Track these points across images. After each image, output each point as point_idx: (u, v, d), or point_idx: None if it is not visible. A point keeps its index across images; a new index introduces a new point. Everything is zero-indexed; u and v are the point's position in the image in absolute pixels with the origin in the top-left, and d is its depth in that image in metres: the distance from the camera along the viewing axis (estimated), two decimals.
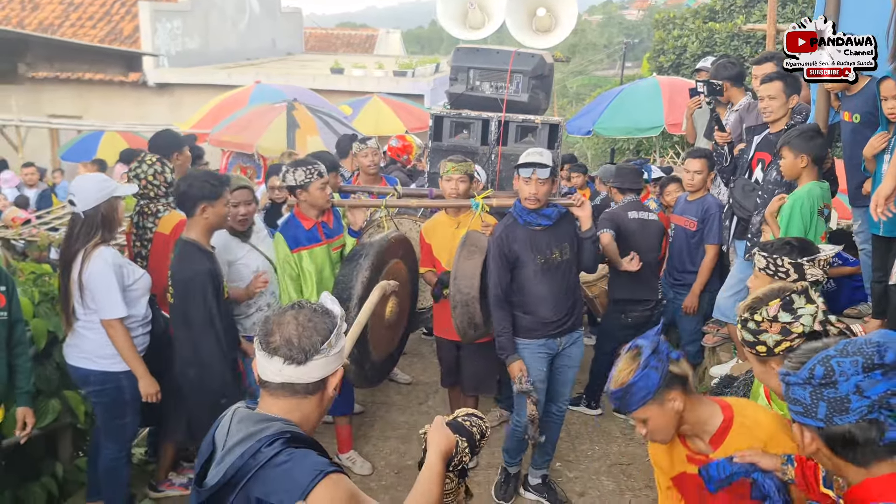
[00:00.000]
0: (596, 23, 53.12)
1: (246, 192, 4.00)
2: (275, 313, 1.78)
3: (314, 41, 24.88)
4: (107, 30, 15.56)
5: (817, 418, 1.42)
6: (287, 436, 1.67)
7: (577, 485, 4.43)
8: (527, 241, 3.81)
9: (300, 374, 1.72)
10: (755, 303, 2.02)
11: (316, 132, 8.32)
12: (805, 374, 1.44)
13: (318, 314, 1.76)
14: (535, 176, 3.67)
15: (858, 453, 1.41)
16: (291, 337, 1.71)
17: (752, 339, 2.00)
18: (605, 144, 16.25)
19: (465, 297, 3.99)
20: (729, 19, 13.69)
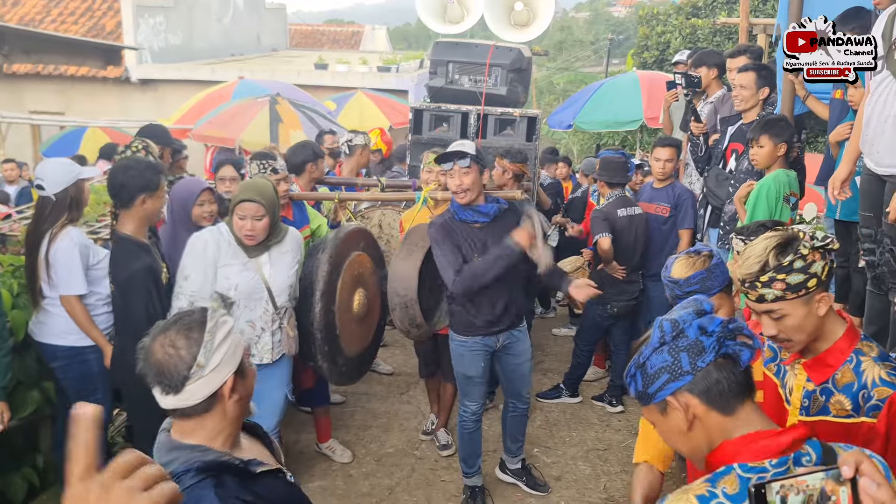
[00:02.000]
0: (583, 20, 53.22)
1: (254, 206, 3.41)
2: (150, 336, 1.70)
3: (299, 37, 24.82)
4: (88, 25, 15.48)
5: (684, 372, 1.43)
6: (195, 466, 1.61)
7: (553, 469, 4.50)
8: (466, 239, 3.66)
9: (181, 401, 1.66)
10: (785, 241, 1.85)
11: (299, 127, 8.34)
12: (657, 336, 1.46)
13: (183, 334, 1.67)
14: (457, 166, 3.52)
15: (728, 397, 1.42)
16: (160, 367, 1.65)
17: (802, 277, 1.82)
18: (590, 139, 16.36)
19: (402, 300, 3.95)
20: (711, 15, 13.83)
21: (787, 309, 1.86)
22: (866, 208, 3.41)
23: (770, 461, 1.35)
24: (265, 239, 3.50)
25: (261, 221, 3.42)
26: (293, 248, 3.68)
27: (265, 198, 3.40)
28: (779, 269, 1.84)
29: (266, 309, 3.56)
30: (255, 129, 8.25)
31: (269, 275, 3.55)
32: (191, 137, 8.92)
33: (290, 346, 3.68)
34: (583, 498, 4.24)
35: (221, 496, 1.58)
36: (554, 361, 6.15)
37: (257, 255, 3.52)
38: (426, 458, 4.62)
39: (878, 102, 3.13)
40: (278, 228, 3.58)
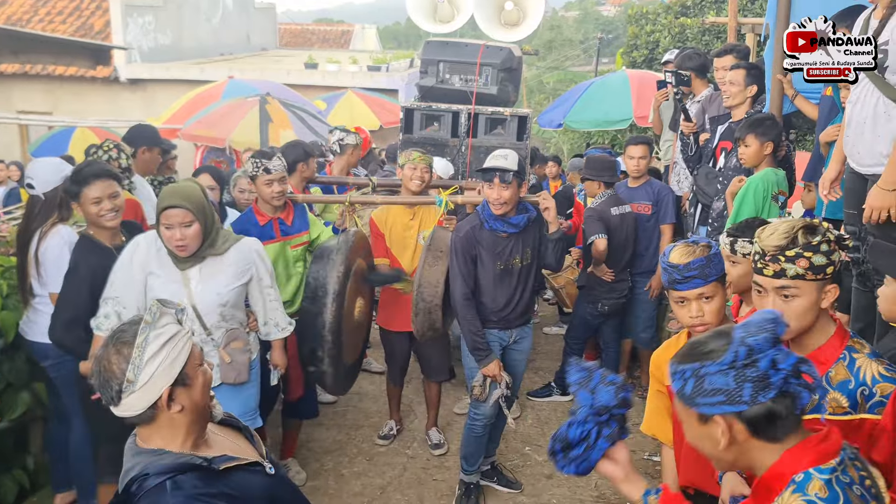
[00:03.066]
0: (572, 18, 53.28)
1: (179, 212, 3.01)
2: (101, 347, 1.76)
3: (289, 37, 24.77)
4: (77, 25, 15.39)
5: (742, 401, 1.43)
6: (153, 471, 1.67)
7: (545, 468, 4.51)
8: (490, 247, 3.72)
9: (122, 412, 1.72)
10: (811, 227, 1.89)
11: (289, 126, 8.32)
12: (729, 359, 1.44)
13: (115, 349, 1.71)
14: (497, 180, 3.56)
15: (778, 429, 1.46)
16: (99, 379, 1.72)
17: (825, 261, 1.87)
18: (580, 139, 16.37)
19: (427, 305, 3.98)
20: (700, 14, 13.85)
21: (803, 290, 1.89)
22: (851, 206, 3.45)
23: (835, 460, 1.44)
24: (199, 249, 3.10)
25: (190, 228, 3.02)
26: (239, 262, 3.24)
27: (191, 202, 3.02)
28: (807, 247, 1.87)
29: (194, 329, 3.18)
30: (244, 129, 8.22)
31: (197, 291, 3.15)
32: (180, 137, 8.88)
33: (228, 374, 3.26)
34: (574, 496, 4.26)
35: (177, 497, 1.63)
36: (545, 360, 6.17)
37: (188, 267, 3.12)
38: (418, 457, 4.63)
39: (857, 104, 3.17)
40: (217, 237, 3.18)
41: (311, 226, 4.26)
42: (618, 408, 1.72)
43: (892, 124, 3.00)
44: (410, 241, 4.45)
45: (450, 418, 5.08)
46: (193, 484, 1.66)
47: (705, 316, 2.33)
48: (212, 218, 3.14)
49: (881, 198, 2.98)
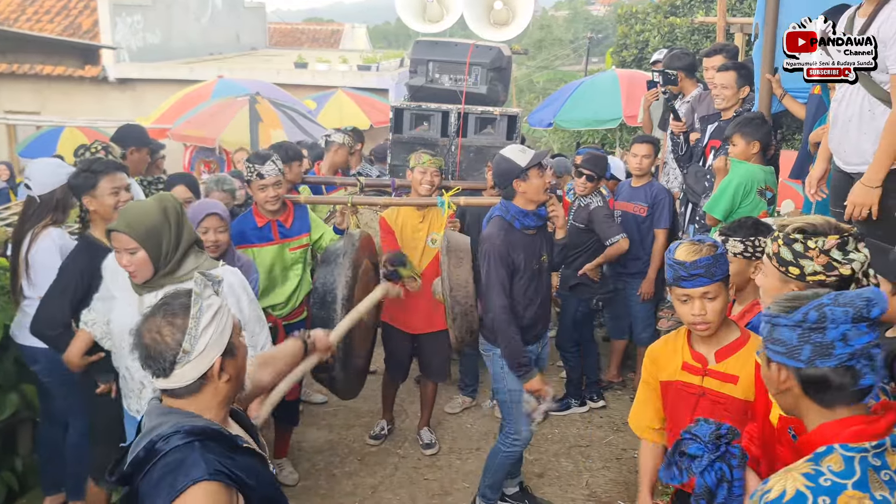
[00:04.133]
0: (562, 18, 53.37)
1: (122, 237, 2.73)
2: (141, 321, 1.75)
3: (279, 36, 24.68)
4: (64, 24, 15.29)
5: (799, 359, 1.52)
6: (183, 430, 1.67)
7: (536, 467, 4.52)
8: (525, 248, 3.63)
9: (171, 383, 1.73)
10: (809, 228, 2.06)
11: (279, 126, 8.29)
12: (798, 317, 1.52)
13: (167, 320, 1.72)
14: (538, 168, 3.52)
15: (828, 396, 1.52)
16: (148, 352, 1.71)
17: (790, 258, 2.06)
18: (570, 138, 16.36)
19: (463, 308, 3.81)
20: (689, 14, 13.88)
21: (768, 271, 2.10)
22: (837, 205, 3.47)
23: (870, 443, 1.46)
24: (153, 276, 2.79)
25: (136, 255, 2.72)
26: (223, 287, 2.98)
27: (134, 228, 2.69)
28: (784, 237, 2.04)
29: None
30: (235, 129, 8.20)
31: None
32: (169, 137, 8.85)
33: None
34: (565, 494, 4.27)
35: (206, 458, 1.64)
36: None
37: (144, 293, 2.82)
38: (409, 457, 4.63)
39: (843, 103, 3.19)
40: (180, 265, 2.81)
41: (313, 228, 4.21)
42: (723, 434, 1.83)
43: (876, 122, 3.03)
44: (419, 242, 4.46)
45: (441, 418, 5.08)
46: (220, 451, 1.69)
47: (707, 315, 2.34)
48: (173, 244, 2.77)
49: (864, 194, 3.01)
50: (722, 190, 3.81)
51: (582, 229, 5.03)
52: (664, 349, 2.57)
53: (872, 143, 3.05)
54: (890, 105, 2.97)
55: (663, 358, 2.55)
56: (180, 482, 1.60)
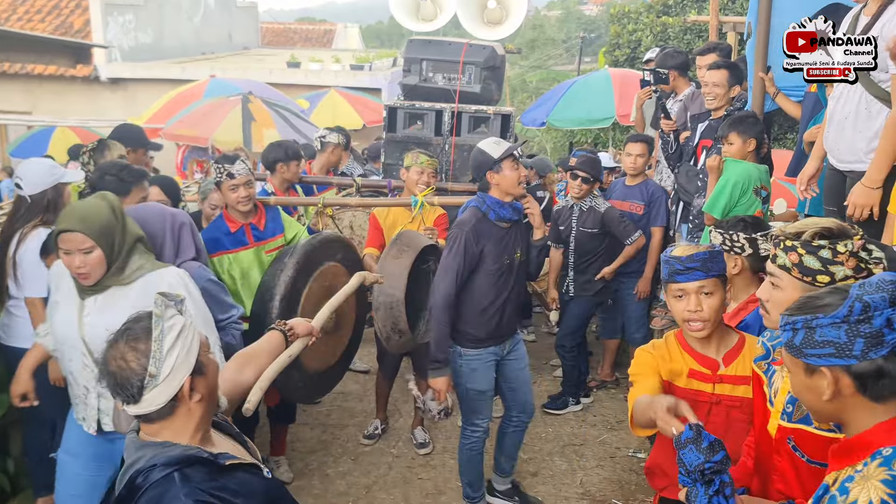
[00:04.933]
0: (554, 18, 53.42)
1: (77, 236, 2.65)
2: (105, 348, 1.72)
3: (271, 36, 24.64)
4: (56, 24, 15.23)
5: (852, 355, 1.45)
6: (161, 462, 1.65)
7: (530, 465, 4.52)
8: (496, 241, 3.57)
9: (143, 408, 1.69)
10: (828, 232, 1.93)
11: (272, 125, 8.29)
12: (843, 312, 1.46)
13: (130, 345, 1.68)
14: (513, 159, 3.50)
15: (885, 387, 1.46)
16: (115, 379, 1.68)
17: (818, 266, 1.91)
18: (563, 137, 16.40)
19: (388, 299, 3.76)
20: (682, 14, 13.92)
21: (785, 283, 1.95)
22: (830, 203, 3.49)
23: None
24: (103, 277, 2.71)
25: (91, 255, 2.64)
26: (142, 297, 2.70)
27: (90, 225, 2.64)
28: (805, 244, 1.92)
29: (85, 364, 2.82)
30: (227, 128, 8.19)
31: (87, 322, 2.76)
32: (162, 137, 8.81)
33: (122, 423, 2.85)
34: (559, 493, 4.27)
35: (186, 489, 1.60)
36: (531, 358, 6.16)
37: (87, 296, 2.74)
38: (403, 457, 4.62)
39: (840, 100, 3.20)
40: (127, 264, 2.75)
41: (287, 228, 4.11)
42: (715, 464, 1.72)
43: (873, 122, 3.04)
44: None
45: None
46: (201, 477, 1.65)
47: (704, 311, 2.29)
48: (122, 241, 2.73)
49: (864, 195, 3.01)
50: (720, 189, 3.81)
51: (594, 234, 4.96)
52: (656, 353, 2.43)
53: (867, 142, 3.06)
54: (888, 104, 2.97)
55: (658, 359, 2.41)
56: None
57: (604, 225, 4.93)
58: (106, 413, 2.86)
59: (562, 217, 5.14)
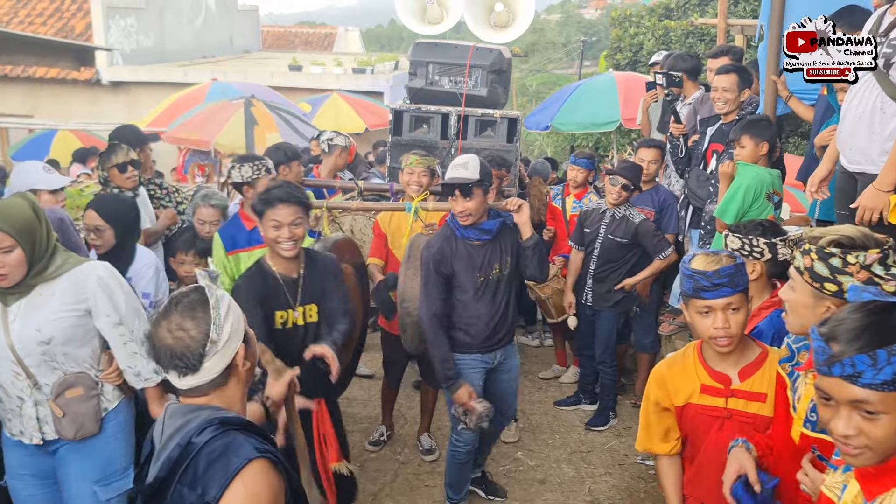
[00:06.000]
0: (554, 21, 53.52)
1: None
2: (152, 325, 1.72)
3: (272, 39, 24.64)
4: (57, 27, 15.20)
5: None
6: (216, 422, 1.66)
7: (537, 473, 4.48)
8: (466, 258, 3.52)
9: (200, 378, 1.71)
10: (846, 241, 1.88)
11: (275, 129, 8.25)
12: None
13: (188, 315, 1.70)
14: (459, 193, 3.40)
15: None
16: (173, 351, 1.68)
17: (826, 274, 1.87)
18: (564, 141, 16.38)
19: (414, 319, 3.80)
20: (684, 17, 13.93)
21: (798, 286, 1.94)
22: (842, 207, 3.44)
23: None
24: (25, 277, 2.61)
25: (10, 255, 2.53)
26: (69, 291, 2.69)
27: (10, 223, 2.53)
28: (819, 251, 1.88)
29: (16, 373, 2.67)
30: (230, 132, 8.15)
31: (14, 327, 2.62)
32: (164, 140, 8.78)
33: (66, 429, 2.73)
34: (567, 501, 4.23)
35: (249, 440, 1.65)
36: (534, 364, 6.14)
37: (13, 301, 2.63)
38: (409, 463, 4.57)
39: (856, 99, 3.15)
40: (50, 262, 2.67)
41: None
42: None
43: (888, 123, 2.99)
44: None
45: (441, 423, 5.02)
46: (256, 439, 1.68)
47: (731, 328, 2.22)
48: (45, 241, 2.64)
49: (875, 198, 2.97)
50: (732, 194, 3.76)
51: (623, 244, 4.78)
52: (671, 371, 2.42)
53: (881, 144, 3.01)
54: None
55: (673, 381, 2.40)
56: (234, 463, 1.59)
57: (635, 236, 4.73)
58: (46, 421, 2.73)
59: (589, 220, 4.93)
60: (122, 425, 2.91)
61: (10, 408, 2.74)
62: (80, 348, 2.75)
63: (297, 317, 3.19)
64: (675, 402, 2.38)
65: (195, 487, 1.60)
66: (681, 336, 5.16)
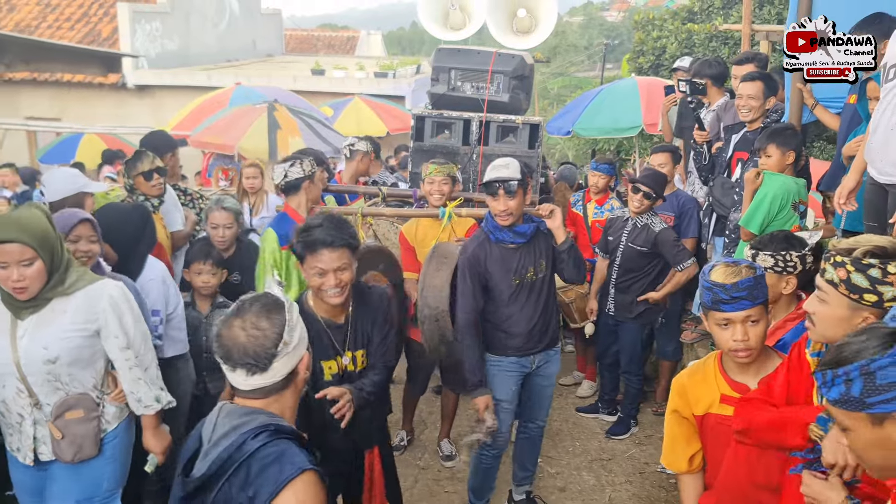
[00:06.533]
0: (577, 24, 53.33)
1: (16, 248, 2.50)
2: (222, 324, 1.76)
3: (294, 42, 24.81)
4: (85, 31, 15.43)
5: None
6: (271, 428, 1.70)
7: (558, 480, 4.47)
8: (501, 261, 3.55)
9: (267, 379, 1.75)
10: (880, 251, 1.88)
11: (298, 133, 8.30)
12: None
13: (263, 315, 1.75)
14: (502, 192, 3.41)
15: None
16: (245, 348, 1.72)
17: (865, 285, 1.86)
18: (586, 145, 16.32)
19: (433, 312, 3.79)
20: (707, 20, 13.80)
21: (832, 298, 1.92)
22: (870, 218, 3.40)
23: None
24: (42, 290, 2.57)
25: (31, 267, 2.50)
26: (81, 309, 2.65)
27: (31, 234, 2.48)
28: (855, 262, 1.87)
29: (19, 390, 2.64)
30: (253, 136, 8.21)
31: (23, 346, 2.59)
32: (189, 144, 8.87)
33: (64, 451, 2.69)
34: None
35: (304, 453, 1.71)
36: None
37: (27, 314, 2.60)
38: (430, 469, 4.58)
39: (888, 110, 3.10)
40: (67, 274, 2.64)
41: None
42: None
43: None
44: None
45: (461, 429, 5.03)
46: (307, 453, 1.73)
47: (750, 340, 2.22)
48: (59, 251, 2.60)
49: None
50: (757, 203, 3.73)
51: (643, 252, 4.73)
52: (692, 380, 2.42)
53: None
54: None
55: (694, 390, 2.40)
56: (287, 471, 1.64)
57: (655, 245, 4.68)
58: (43, 441, 2.69)
59: (613, 228, 4.92)
60: (119, 447, 2.86)
61: (10, 423, 2.73)
62: (84, 369, 2.72)
63: (346, 363, 2.89)
64: (694, 412, 2.38)
65: (246, 489, 1.64)
66: (703, 344, 5.12)
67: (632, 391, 5.05)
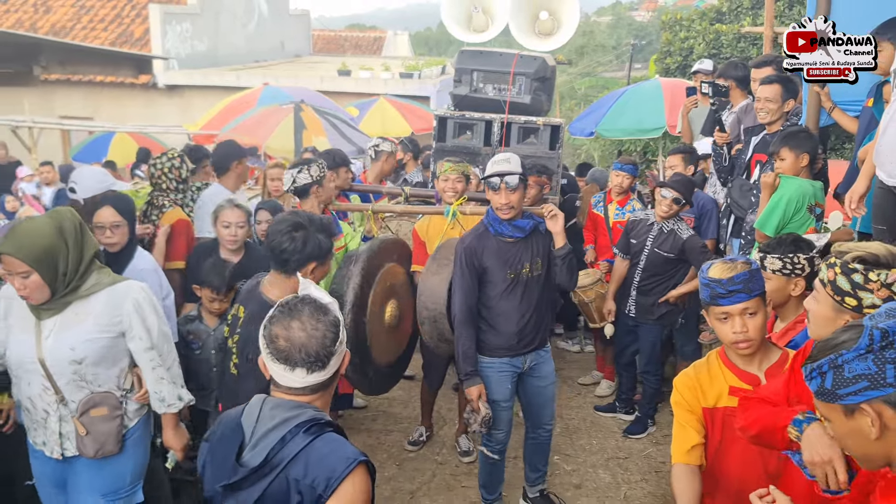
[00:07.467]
0: (605, 24, 53.04)
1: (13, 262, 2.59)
2: (276, 326, 1.78)
3: (322, 43, 25.03)
4: (118, 32, 15.74)
5: (887, 384, 1.42)
6: (322, 421, 1.79)
7: (574, 478, 4.52)
8: (497, 254, 3.61)
9: (322, 376, 1.82)
10: (870, 258, 1.94)
11: (323, 134, 8.43)
12: (865, 343, 1.44)
13: (318, 315, 1.80)
14: (504, 186, 3.49)
15: None
16: (308, 348, 1.77)
17: (847, 288, 1.94)
18: (611, 146, 16.29)
19: (431, 314, 3.93)
20: (735, 21, 13.70)
21: (821, 298, 2.02)
22: (879, 221, 3.40)
23: None
24: (53, 296, 2.66)
25: (29, 279, 2.58)
26: (105, 312, 2.74)
27: (25, 250, 2.56)
28: (843, 265, 1.95)
29: (45, 387, 2.73)
30: (280, 136, 8.35)
31: (47, 344, 2.68)
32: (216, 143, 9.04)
33: (87, 447, 2.78)
34: None
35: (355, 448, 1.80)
36: (574, 369, 6.18)
37: (47, 316, 2.69)
38: (447, 464, 4.66)
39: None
40: (83, 281, 2.72)
41: (345, 232, 4.39)
42: None
43: None
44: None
45: None
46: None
47: (749, 332, 2.28)
48: (69, 261, 2.65)
49: None
50: (773, 206, 3.75)
51: (669, 258, 4.73)
52: (696, 379, 2.43)
53: None
54: None
55: (698, 387, 2.41)
56: (347, 462, 1.73)
57: (682, 252, 4.66)
58: (68, 437, 2.77)
59: (636, 230, 4.89)
60: (139, 442, 2.96)
61: (35, 419, 2.81)
62: (109, 369, 2.81)
63: None
64: (703, 404, 2.40)
65: (305, 477, 1.72)
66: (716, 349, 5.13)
67: (649, 391, 5.08)
